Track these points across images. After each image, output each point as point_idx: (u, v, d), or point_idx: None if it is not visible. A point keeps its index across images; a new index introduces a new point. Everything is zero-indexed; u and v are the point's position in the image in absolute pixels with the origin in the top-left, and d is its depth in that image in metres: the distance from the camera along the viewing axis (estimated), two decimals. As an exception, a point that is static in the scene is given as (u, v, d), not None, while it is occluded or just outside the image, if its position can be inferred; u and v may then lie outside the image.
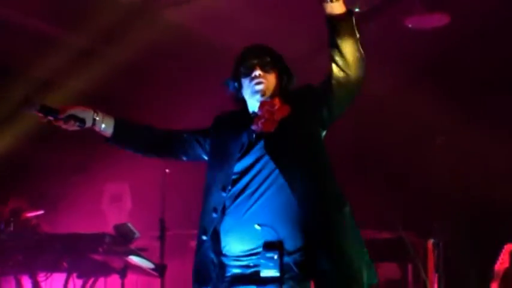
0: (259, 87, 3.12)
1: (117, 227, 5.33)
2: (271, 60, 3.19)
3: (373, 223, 7.72)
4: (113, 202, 8.55)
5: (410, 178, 8.21)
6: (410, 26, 6.79)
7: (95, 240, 5.25)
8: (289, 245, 2.89)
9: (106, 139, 3.31)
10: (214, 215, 3.05)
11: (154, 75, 7.68)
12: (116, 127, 3.28)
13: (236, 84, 3.26)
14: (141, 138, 3.40)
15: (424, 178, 7.78)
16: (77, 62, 6.95)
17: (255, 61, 3.16)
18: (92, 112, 3.23)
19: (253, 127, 3.07)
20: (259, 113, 3.10)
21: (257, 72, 3.13)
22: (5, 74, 6.84)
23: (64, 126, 3.17)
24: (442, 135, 6.53)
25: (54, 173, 7.52)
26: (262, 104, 3.11)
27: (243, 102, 3.27)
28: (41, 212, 6.48)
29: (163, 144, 3.43)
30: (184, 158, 3.45)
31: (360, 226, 3.09)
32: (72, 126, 3.17)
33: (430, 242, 6.57)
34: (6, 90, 6.84)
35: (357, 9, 6.86)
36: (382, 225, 7.50)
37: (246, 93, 3.21)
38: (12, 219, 5.85)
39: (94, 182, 7.98)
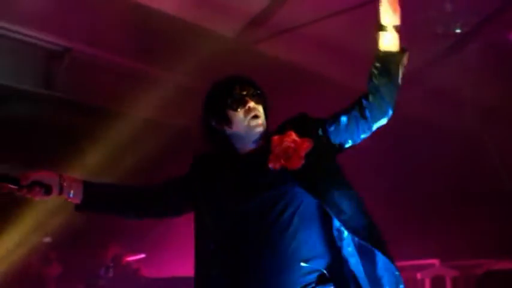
0: (258, 121, 2.89)
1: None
2: (260, 91, 2.95)
3: (490, 251, 7.37)
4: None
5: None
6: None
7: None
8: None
9: (77, 206, 3.00)
10: (220, 269, 2.77)
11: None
12: (86, 193, 2.97)
13: (215, 121, 2.96)
14: (115, 202, 3.09)
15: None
16: (177, 100, 6.95)
17: (245, 92, 2.92)
18: (58, 178, 2.92)
19: (271, 165, 2.77)
20: (275, 150, 2.80)
21: (251, 104, 2.88)
22: (106, 114, 6.86)
23: (28, 195, 2.86)
24: None
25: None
26: (276, 140, 2.83)
27: (224, 141, 2.97)
28: (143, 255, 6.50)
29: (142, 204, 3.10)
30: (169, 214, 3.17)
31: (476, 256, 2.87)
32: (38, 194, 2.85)
33: None
34: (107, 130, 6.89)
35: (458, 30, 6.74)
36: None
37: (239, 128, 2.91)
38: (112, 264, 5.88)
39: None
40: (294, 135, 2.82)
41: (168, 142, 6.91)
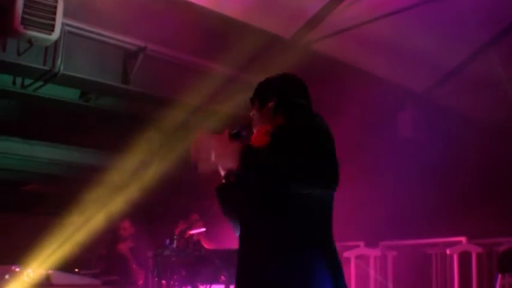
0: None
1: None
2: (252, 96, 3.33)
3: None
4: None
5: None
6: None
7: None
8: None
9: None
10: None
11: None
12: None
13: None
14: None
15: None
16: (225, 90, 7.39)
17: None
18: None
19: None
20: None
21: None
22: (162, 103, 7.45)
23: None
24: None
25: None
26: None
27: None
28: (203, 229, 7.19)
29: None
30: None
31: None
32: None
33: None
34: (165, 116, 7.49)
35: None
36: None
37: None
38: (176, 237, 6.48)
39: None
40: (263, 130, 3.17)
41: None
